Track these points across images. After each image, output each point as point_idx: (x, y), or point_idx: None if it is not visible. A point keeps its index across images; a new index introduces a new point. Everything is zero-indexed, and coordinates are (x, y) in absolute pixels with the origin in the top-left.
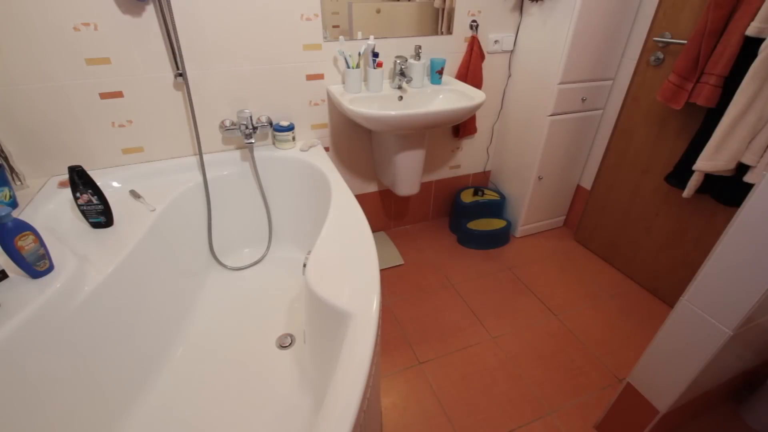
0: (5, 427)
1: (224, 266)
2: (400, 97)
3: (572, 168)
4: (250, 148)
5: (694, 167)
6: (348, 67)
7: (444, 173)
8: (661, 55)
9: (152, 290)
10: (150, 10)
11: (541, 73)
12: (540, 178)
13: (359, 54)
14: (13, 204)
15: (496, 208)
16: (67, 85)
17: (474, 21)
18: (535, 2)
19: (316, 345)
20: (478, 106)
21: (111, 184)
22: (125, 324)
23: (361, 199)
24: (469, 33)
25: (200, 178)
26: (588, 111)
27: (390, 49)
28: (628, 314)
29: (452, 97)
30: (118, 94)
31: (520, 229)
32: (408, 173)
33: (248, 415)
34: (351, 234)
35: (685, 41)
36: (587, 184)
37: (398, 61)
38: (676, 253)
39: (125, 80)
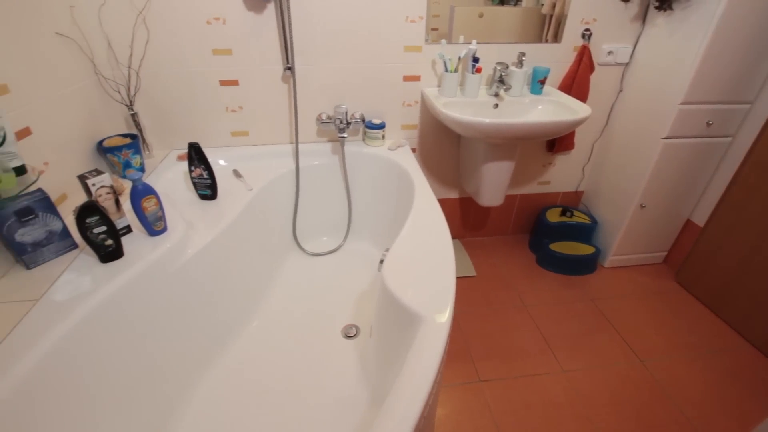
0: (112, 359)
1: (303, 250)
2: (496, 105)
3: (683, 199)
4: (341, 142)
5: None
6: (446, 70)
7: (531, 188)
8: None
9: (241, 262)
10: (270, 8)
11: (659, 90)
12: (642, 206)
13: (459, 58)
14: (142, 170)
15: (585, 232)
16: (195, 72)
17: (587, 30)
18: (662, 11)
19: (383, 341)
20: (581, 121)
21: (218, 162)
22: (215, 289)
23: (441, 203)
24: (580, 42)
25: (293, 165)
26: (713, 137)
27: (490, 55)
28: (735, 376)
29: (552, 108)
30: (235, 83)
31: (611, 259)
32: (493, 184)
33: (307, 394)
34: (430, 238)
35: None
36: (700, 219)
37: (499, 68)
38: None
39: (242, 70)
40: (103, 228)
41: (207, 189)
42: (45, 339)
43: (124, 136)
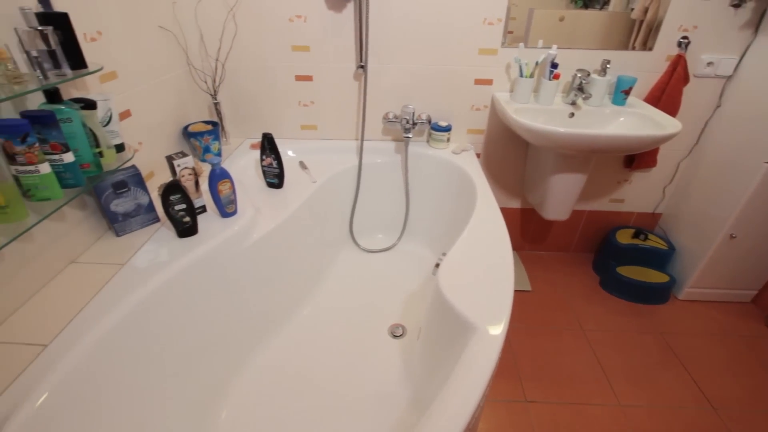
0: (178, 326)
1: (358, 245)
2: (572, 114)
3: None
4: (406, 142)
5: None
6: (521, 75)
7: (602, 205)
8: None
9: (298, 251)
10: (350, 7)
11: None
12: (732, 237)
13: (536, 63)
14: (219, 155)
15: (660, 258)
16: (274, 66)
17: (685, 37)
18: None
19: (431, 345)
20: (668, 137)
21: (287, 153)
22: (273, 273)
23: (501, 212)
24: (675, 51)
25: (356, 161)
26: None
27: (570, 61)
28: None
29: (635, 121)
30: (309, 78)
31: (687, 291)
32: (561, 197)
33: (348, 386)
34: (490, 247)
35: None
36: None
37: (579, 75)
38: None
39: (317, 66)
40: (183, 206)
41: (275, 178)
42: (126, 301)
43: (206, 122)
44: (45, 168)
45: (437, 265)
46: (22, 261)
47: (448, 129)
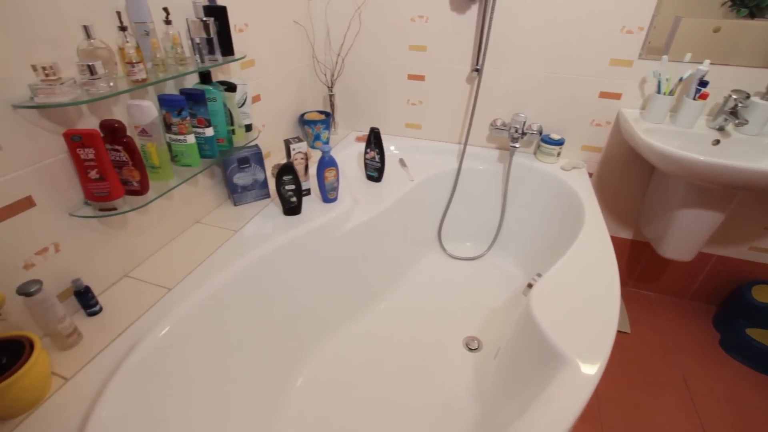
0: (272, 294)
1: (444, 250)
2: (717, 141)
3: None
4: (511, 151)
5: None
6: (659, 92)
7: (738, 251)
8: None
9: (387, 245)
10: (473, 9)
11: None
12: None
13: (680, 79)
14: (328, 144)
15: None
16: (389, 64)
17: None
18: None
19: (510, 368)
20: None
21: (389, 149)
22: (360, 263)
23: None
24: None
25: (456, 165)
26: None
27: (723, 80)
28: None
29: None
30: (421, 78)
31: None
32: (687, 235)
33: (415, 389)
34: (593, 276)
35: None
36: None
37: (735, 97)
38: None
39: (430, 67)
40: (293, 187)
41: (375, 171)
42: (235, 264)
43: (320, 112)
44: (191, 139)
45: (529, 285)
46: (162, 215)
47: (560, 143)
